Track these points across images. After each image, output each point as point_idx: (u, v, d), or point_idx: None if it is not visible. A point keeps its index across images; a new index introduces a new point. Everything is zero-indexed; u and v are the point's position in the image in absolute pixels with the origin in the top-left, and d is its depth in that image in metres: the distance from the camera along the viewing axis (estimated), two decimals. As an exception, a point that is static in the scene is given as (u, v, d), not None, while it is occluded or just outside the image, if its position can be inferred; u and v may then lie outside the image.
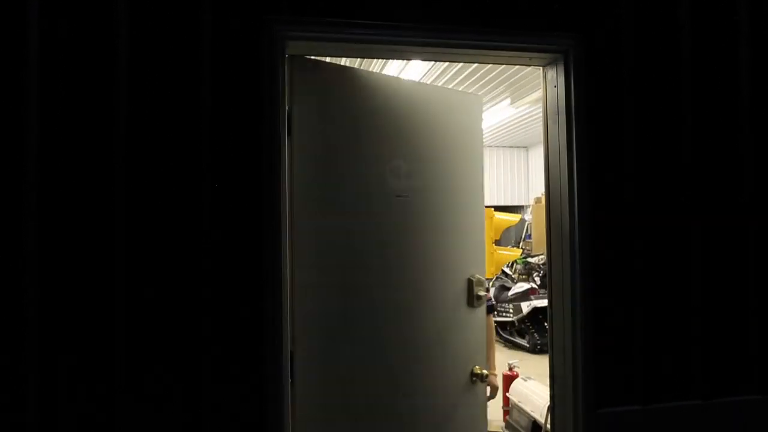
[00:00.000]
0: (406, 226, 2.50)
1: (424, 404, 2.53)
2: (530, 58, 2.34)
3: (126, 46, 1.89)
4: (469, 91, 10.74)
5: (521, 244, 14.88)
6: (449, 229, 2.66)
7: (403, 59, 5.77)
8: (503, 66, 9.26)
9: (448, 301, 2.63)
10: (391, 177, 2.44)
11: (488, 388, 3.27)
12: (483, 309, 2.78)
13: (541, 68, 2.45)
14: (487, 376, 2.68)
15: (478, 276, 2.70)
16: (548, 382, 2.36)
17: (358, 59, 8.25)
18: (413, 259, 2.52)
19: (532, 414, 4.12)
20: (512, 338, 8.41)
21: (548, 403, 3.92)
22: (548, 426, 3.88)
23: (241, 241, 1.97)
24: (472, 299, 2.67)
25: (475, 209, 2.82)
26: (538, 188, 17.03)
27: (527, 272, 13.53)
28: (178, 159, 1.93)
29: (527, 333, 8.11)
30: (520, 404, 4.35)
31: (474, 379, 2.68)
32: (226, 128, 1.97)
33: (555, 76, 2.32)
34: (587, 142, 2.21)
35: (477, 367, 2.69)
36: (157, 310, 1.90)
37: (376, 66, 8.64)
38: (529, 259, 13.14)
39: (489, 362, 3.31)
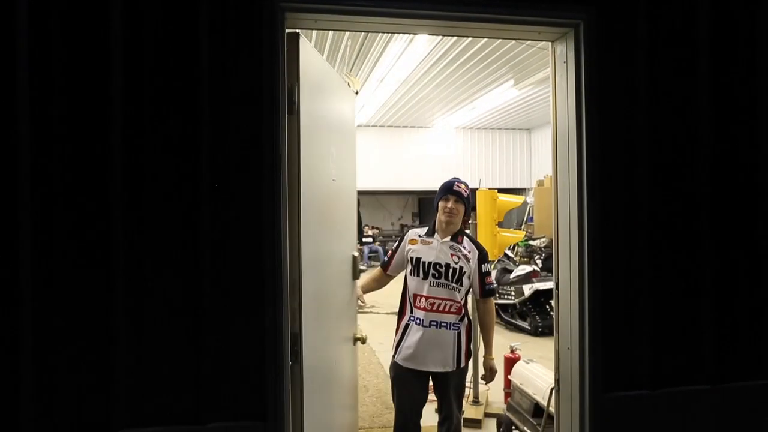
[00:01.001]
0: (335, 207, 2.72)
1: (337, 365, 2.81)
2: (539, 33, 2.26)
3: (120, 39, 1.82)
4: (471, 73, 10.65)
5: (523, 226, 14.84)
6: (348, 212, 2.97)
7: (409, 33, 5.66)
8: (507, 47, 9.13)
9: (346, 273, 2.92)
10: (329, 162, 2.57)
11: (489, 371, 3.23)
12: (356, 283, 3.06)
13: (549, 44, 2.37)
14: (365, 340, 2.97)
15: (356, 254, 3.03)
16: (550, 365, 2.33)
17: (362, 35, 8.13)
18: (336, 237, 2.72)
19: (534, 396, 4.09)
20: (513, 320, 8.37)
21: (551, 386, 3.90)
22: (551, 409, 3.85)
23: (240, 224, 1.92)
24: (356, 273, 2.99)
25: (353, 194, 3.17)
26: (541, 171, 16.94)
27: (529, 255, 13.50)
28: (175, 139, 1.87)
29: (529, 315, 8.08)
30: (521, 386, 4.31)
31: (356, 341, 3.08)
32: (225, 105, 1.90)
33: (565, 51, 2.24)
34: (598, 121, 2.14)
35: (355, 333, 3.07)
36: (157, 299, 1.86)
37: (380, 42, 8.52)
38: (531, 242, 13.10)
39: (488, 346, 3.27)
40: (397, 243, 3.38)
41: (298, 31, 2.15)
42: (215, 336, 1.89)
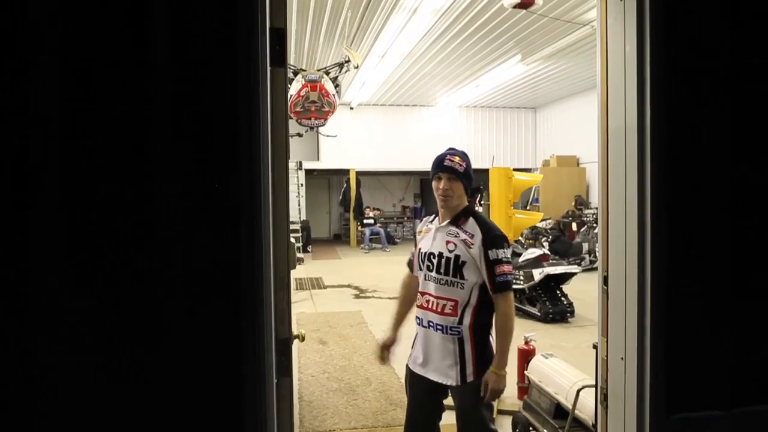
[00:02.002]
0: None
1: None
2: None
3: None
4: (476, 48, 10.15)
5: (528, 207, 14.41)
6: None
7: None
8: (514, 19, 8.65)
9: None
10: None
11: (485, 387, 2.51)
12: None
13: (597, -19, 1.92)
14: (303, 337, 2.26)
15: (293, 240, 2.58)
16: (563, 356, 1.91)
17: (363, 5, 7.63)
18: None
19: (555, 396, 3.68)
20: (522, 307, 7.95)
21: (576, 386, 3.49)
22: (577, 412, 3.45)
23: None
24: (293, 263, 2.63)
25: None
26: (546, 150, 16.50)
27: (534, 237, 13.10)
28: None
29: (539, 301, 7.69)
30: (540, 384, 3.91)
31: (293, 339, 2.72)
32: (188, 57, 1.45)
33: (621, -14, 1.79)
34: (665, 70, 1.68)
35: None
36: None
37: (381, 13, 8.04)
38: (537, 224, 12.66)
39: (497, 355, 2.55)
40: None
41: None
42: (175, 342, 1.46)
